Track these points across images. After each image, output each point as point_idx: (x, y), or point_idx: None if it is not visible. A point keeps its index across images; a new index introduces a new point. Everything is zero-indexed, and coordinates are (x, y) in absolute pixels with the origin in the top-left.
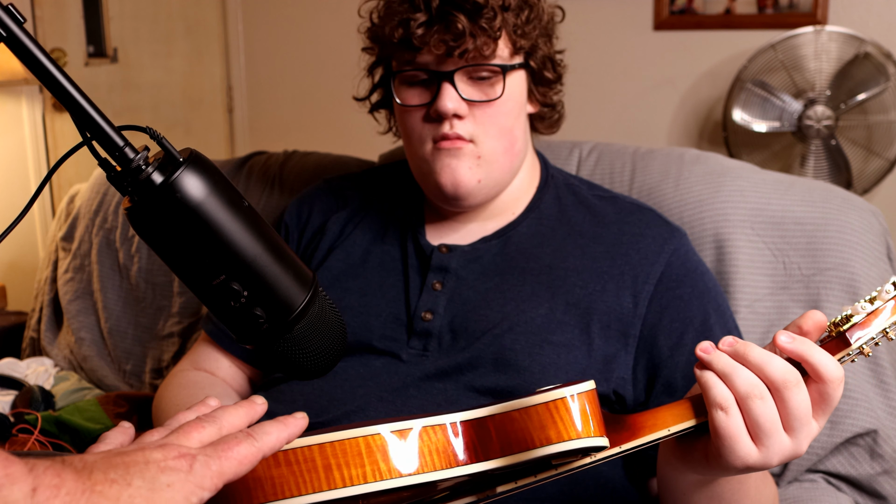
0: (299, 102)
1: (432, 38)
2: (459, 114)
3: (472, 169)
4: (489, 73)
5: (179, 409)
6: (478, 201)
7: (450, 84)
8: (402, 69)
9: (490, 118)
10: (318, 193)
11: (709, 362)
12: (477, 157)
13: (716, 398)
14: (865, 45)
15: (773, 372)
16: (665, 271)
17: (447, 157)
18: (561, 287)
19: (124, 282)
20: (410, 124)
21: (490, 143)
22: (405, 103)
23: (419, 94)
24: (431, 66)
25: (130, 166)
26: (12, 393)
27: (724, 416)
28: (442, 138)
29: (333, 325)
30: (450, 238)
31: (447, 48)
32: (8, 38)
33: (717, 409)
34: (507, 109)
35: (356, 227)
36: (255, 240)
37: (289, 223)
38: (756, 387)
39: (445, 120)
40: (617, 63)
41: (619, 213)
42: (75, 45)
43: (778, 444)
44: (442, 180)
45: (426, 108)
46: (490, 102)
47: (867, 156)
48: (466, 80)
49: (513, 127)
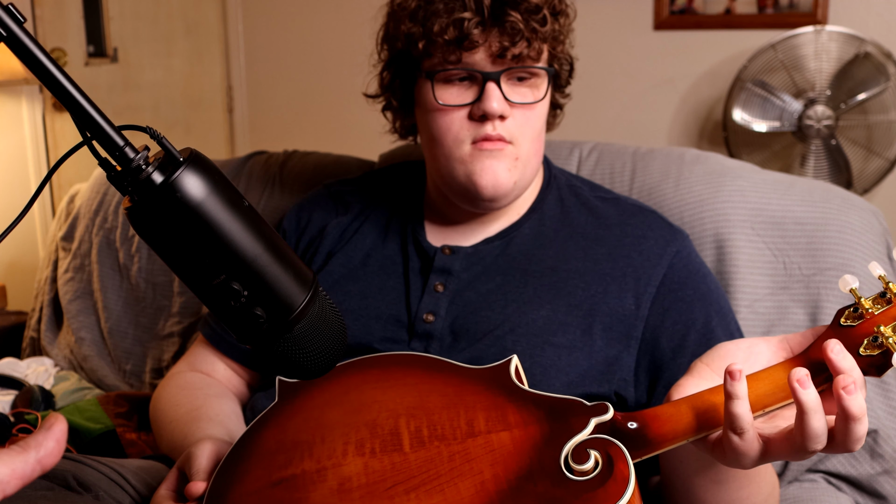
0: (299, 102)
1: (488, 38)
2: (504, 115)
3: (510, 171)
4: (529, 75)
5: (177, 410)
6: (508, 202)
7: (495, 84)
8: (443, 68)
9: (528, 120)
10: (317, 199)
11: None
12: (515, 159)
13: (734, 424)
14: (865, 45)
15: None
16: (667, 273)
17: (488, 159)
18: (563, 289)
19: (124, 282)
20: (446, 125)
21: (527, 145)
22: (445, 103)
23: (459, 93)
24: (478, 65)
25: (130, 166)
26: (12, 393)
27: (738, 440)
28: (484, 139)
29: (334, 325)
30: (452, 239)
31: (501, 48)
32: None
33: (734, 434)
34: (542, 112)
35: (356, 232)
36: (255, 239)
37: (287, 228)
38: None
39: (489, 121)
40: (617, 63)
41: (621, 215)
42: (75, 45)
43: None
44: (482, 181)
45: (467, 107)
46: (532, 105)
47: (867, 156)
48: (507, 81)
49: (542, 129)
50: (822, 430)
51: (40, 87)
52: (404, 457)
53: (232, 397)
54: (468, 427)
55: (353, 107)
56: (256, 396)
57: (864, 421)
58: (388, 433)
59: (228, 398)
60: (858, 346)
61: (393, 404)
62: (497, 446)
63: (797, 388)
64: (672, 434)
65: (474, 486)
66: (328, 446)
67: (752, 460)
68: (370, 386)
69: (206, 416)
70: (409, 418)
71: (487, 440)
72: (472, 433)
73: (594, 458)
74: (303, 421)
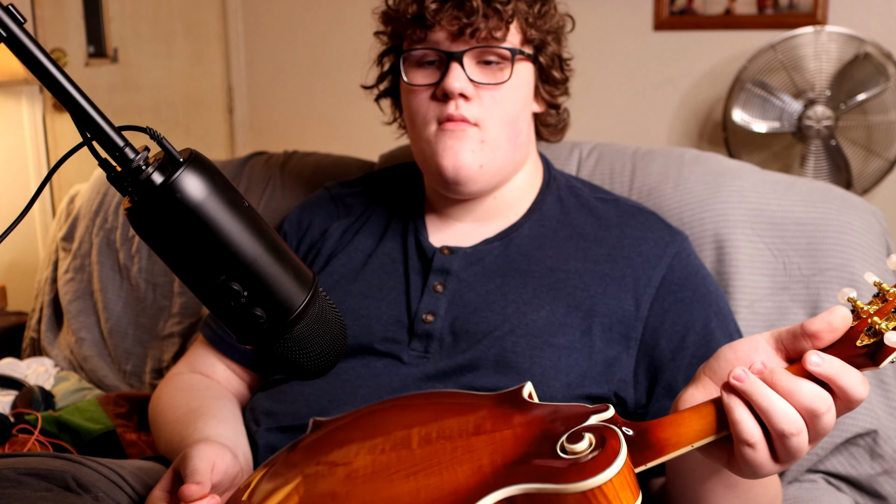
0: (299, 103)
1: (445, 14)
2: (466, 94)
3: (474, 153)
4: (498, 59)
5: (175, 412)
6: (478, 188)
7: (458, 64)
8: (412, 48)
9: (496, 103)
10: (318, 202)
11: (744, 391)
12: (480, 142)
13: (744, 435)
14: (865, 46)
15: (803, 399)
16: (667, 275)
17: (450, 139)
18: (562, 290)
19: (125, 282)
20: (416, 104)
21: (495, 128)
22: (412, 82)
23: (428, 74)
24: (442, 45)
25: (130, 166)
26: (12, 393)
27: (751, 451)
28: (447, 119)
29: (333, 325)
30: (452, 240)
31: (460, 26)
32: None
33: (745, 446)
34: (513, 97)
35: (357, 233)
36: (255, 240)
37: (288, 231)
38: (794, 424)
39: (451, 100)
40: (617, 63)
41: (621, 216)
42: (75, 46)
43: (799, 459)
44: (444, 162)
45: (433, 87)
46: (497, 86)
47: (867, 156)
48: (475, 63)
49: (518, 117)
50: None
51: (40, 87)
52: (411, 452)
53: (231, 398)
54: (474, 429)
55: (353, 107)
56: (257, 397)
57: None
58: (399, 438)
59: (227, 399)
60: (855, 340)
61: (409, 420)
62: (499, 440)
63: (735, 384)
64: (675, 439)
65: (472, 469)
66: (343, 451)
67: (768, 469)
68: (392, 413)
69: (203, 417)
70: (422, 427)
71: (491, 437)
72: (476, 433)
73: (588, 439)
74: (323, 440)
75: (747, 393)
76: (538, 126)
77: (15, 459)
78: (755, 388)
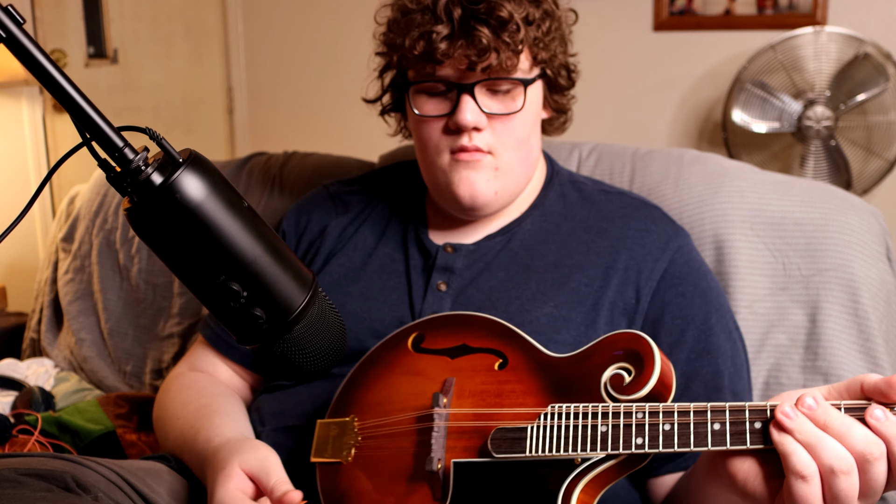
0: (299, 103)
1: (456, 52)
2: (479, 126)
3: (489, 181)
4: (509, 86)
5: (185, 408)
6: (493, 210)
7: (470, 96)
8: (420, 80)
9: (508, 130)
10: (316, 200)
11: (791, 430)
12: (495, 169)
13: (797, 468)
14: (865, 46)
15: (855, 443)
16: (668, 268)
17: (465, 170)
18: (566, 284)
19: (124, 283)
20: (427, 135)
21: (508, 154)
22: (423, 114)
23: (437, 104)
24: (452, 78)
25: (130, 167)
26: (13, 394)
27: (804, 486)
28: (460, 150)
29: (333, 325)
30: (454, 237)
31: (470, 63)
32: (8, 39)
33: (798, 479)
34: (525, 121)
35: (356, 232)
36: (254, 240)
37: (287, 230)
38: (843, 460)
39: (464, 132)
40: (617, 64)
41: (624, 208)
42: (75, 46)
43: None
44: (460, 192)
45: (444, 118)
46: (510, 115)
47: (867, 156)
48: (486, 92)
49: (529, 137)
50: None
51: (40, 88)
52: None
53: (237, 396)
54: None
55: (353, 108)
56: (262, 398)
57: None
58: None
59: (234, 397)
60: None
61: None
62: None
63: (783, 420)
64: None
65: None
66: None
67: None
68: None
69: (218, 412)
70: None
71: None
72: None
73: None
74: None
75: (794, 430)
76: (543, 125)
77: (15, 460)
78: (803, 424)
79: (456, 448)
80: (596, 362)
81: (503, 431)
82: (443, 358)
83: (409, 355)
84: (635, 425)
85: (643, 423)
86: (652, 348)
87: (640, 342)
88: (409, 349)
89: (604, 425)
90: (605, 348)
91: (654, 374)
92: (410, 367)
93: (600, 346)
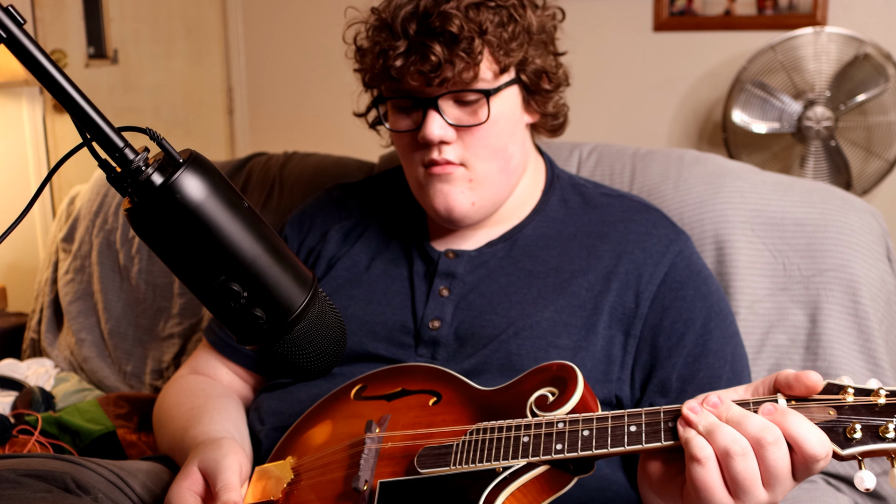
0: (299, 104)
1: (408, 69)
2: (446, 140)
3: (464, 193)
4: (475, 96)
5: (179, 409)
6: (475, 221)
7: (435, 111)
8: (389, 96)
9: (479, 141)
10: (318, 204)
11: (696, 423)
12: (469, 181)
13: (693, 452)
14: (865, 46)
15: (749, 428)
16: (669, 272)
17: (439, 182)
18: (567, 289)
19: (125, 283)
20: (402, 149)
21: (482, 165)
22: (395, 128)
23: (407, 119)
24: (416, 92)
25: (130, 167)
26: (13, 394)
27: (701, 469)
28: (431, 163)
29: (333, 326)
30: (456, 243)
31: (426, 78)
32: (8, 40)
33: (695, 463)
34: (497, 131)
35: (359, 237)
36: (254, 241)
37: (289, 234)
38: (737, 443)
39: (433, 146)
40: (617, 64)
41: (625, 212)
42: (76, 47)
43: (754, 498)
44: (436, 205)
45: (414, 132)
46: (477, 127)
47: (867, 157)
48: (453, 104)
49: (506, 145)
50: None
51: (41, 88)
52: None
53: (234, 396)
54: None
55: (353, 108)
56: (262, 397)
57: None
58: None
59: (230, 398)
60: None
61: None
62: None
63: (687, 414)
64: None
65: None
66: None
67: (720, 500)
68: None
69: (208, 413)
70: None
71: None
72: None
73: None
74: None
75: (694, 422)
76: (537, 127)
77: (15, 460)
78: (703, 416)
79: (384, 472)
80: (525, 388)
81: (430, 449)
82: (381, 402)
83: (350, 403)
84: (556, 433)
85: (563, 431)
86: (576, 371)
87: (566, 368)
88: (352, 399)
89: (526, 436)
90: (534, 375)
91: (578, 390)
92: (350, 412)
93: (529, 375)
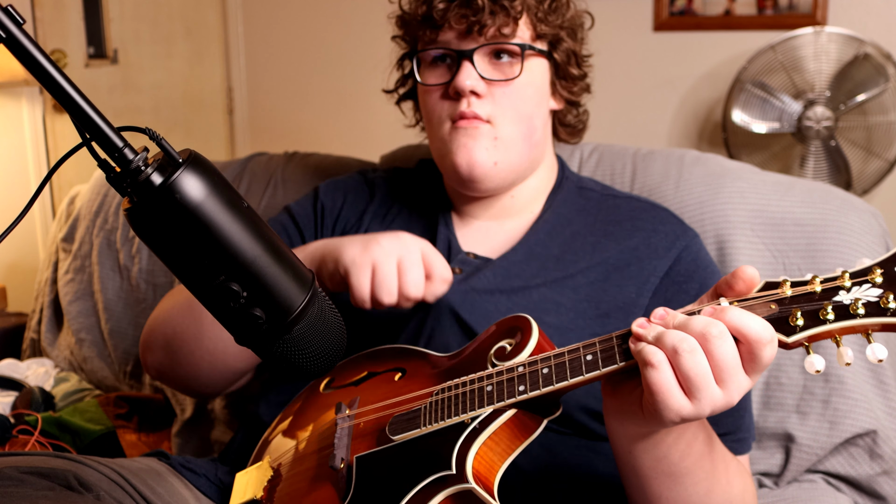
0: (300, 103)
1: (452, 13)
2: (477, 91)
3: (488, 150)
4: (509, 55)
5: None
6: (494, 185)
7: (469, 62)
8: (425, 48)
9: (509, 100)
10: (351, 182)
11: (645, 336)
12: (494, 139)
13: (645, 357)
14: (865, 46)
15: (694, 326)
16: (673, 266)
17: (464, 137)
18: (564, 274)
19: (125, 283)
20: (430, 104)
21: (508, 126)
22: (426, 82)
23: (441, 73)
24: (452, 44)
25: (130, 167)
26: (13, 394)
27: (654, 372)
28: (459, 117)
29: (333, 325)
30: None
31: (468, 24)
32: (7, 40)
33: (648, 368)
34: (526, 94)
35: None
36: (254, 241)
37: (325, 204)
38: (685, 340)
39: (463, 97)
40: (617, 64)
41: (633, 211)
42: (75, 47)
43: (709, 396)
44: (458, 160)
45: (446, 86)
46: (508, 82)
47: (867, 157)
48: (487, 60)
49: (532, 115)
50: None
51: (40, 88)
52: None
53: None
54: None
55: (353, 108)
56: (261, 405)
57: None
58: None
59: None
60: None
61: None
62: None
63: (637, 330)
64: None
65: None
66: None
67: (677, 400)
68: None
69: None
70: None
71: None
72: None
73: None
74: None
75: (643, 334)
76: (556, 125)
77: (17, 458)
78: (651, 327)
79: (360, 447)
80: (484, 346)
81: (400, 416)
82: (349, 388)
83: (320, 396)
84: (517, 377)
85: (524, 374)
86: (529, 320)
87: (520, 318)
88: (321, 392)
89: (489, 385)
90: (491, 333)
91: (533, 336)
92: (321, 403)
93: (486, 333)
